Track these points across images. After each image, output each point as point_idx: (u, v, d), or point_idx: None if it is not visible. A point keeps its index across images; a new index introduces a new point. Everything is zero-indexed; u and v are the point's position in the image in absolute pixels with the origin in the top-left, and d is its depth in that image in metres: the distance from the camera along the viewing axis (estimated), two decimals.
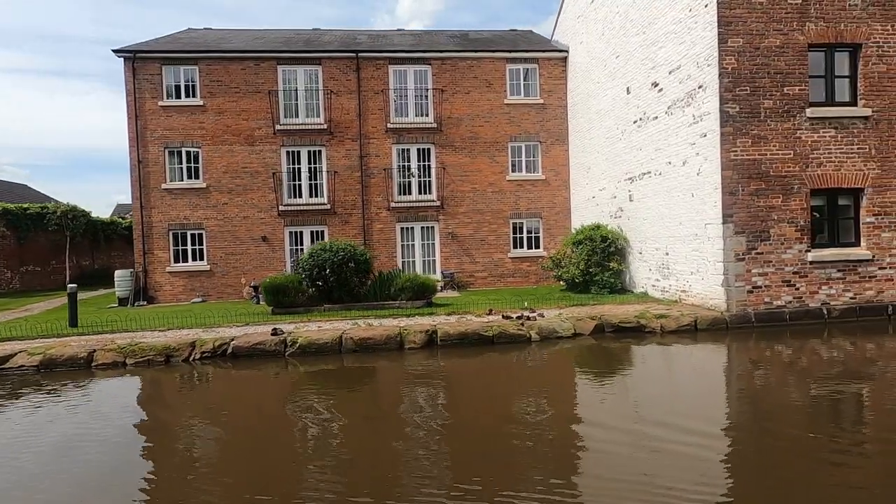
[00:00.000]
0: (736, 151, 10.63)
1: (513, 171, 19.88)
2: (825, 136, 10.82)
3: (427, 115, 19.51)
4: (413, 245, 19.68)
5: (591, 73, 17.43)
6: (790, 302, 10.81)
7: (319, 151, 19.13)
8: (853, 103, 11.02)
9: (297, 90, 19.00)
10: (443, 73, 19.48)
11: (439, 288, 19.00)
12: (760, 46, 10.62)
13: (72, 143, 71.19)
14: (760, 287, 10.73)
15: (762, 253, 10.72)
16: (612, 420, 6.16)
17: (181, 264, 18.58)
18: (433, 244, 19.74)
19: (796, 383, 7.54)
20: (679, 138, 12.05)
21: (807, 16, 10.70)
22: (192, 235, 18.67)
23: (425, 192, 19.65)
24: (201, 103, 18.44)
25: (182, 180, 18.58)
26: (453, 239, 19.64)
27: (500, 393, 7.53)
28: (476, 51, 19.66)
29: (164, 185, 18.36)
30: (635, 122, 14.18)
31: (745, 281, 10.68)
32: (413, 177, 19.51)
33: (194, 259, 18.68)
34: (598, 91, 16.77)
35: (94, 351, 9.29)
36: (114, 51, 18.04)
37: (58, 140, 69.67)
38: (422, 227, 19.68)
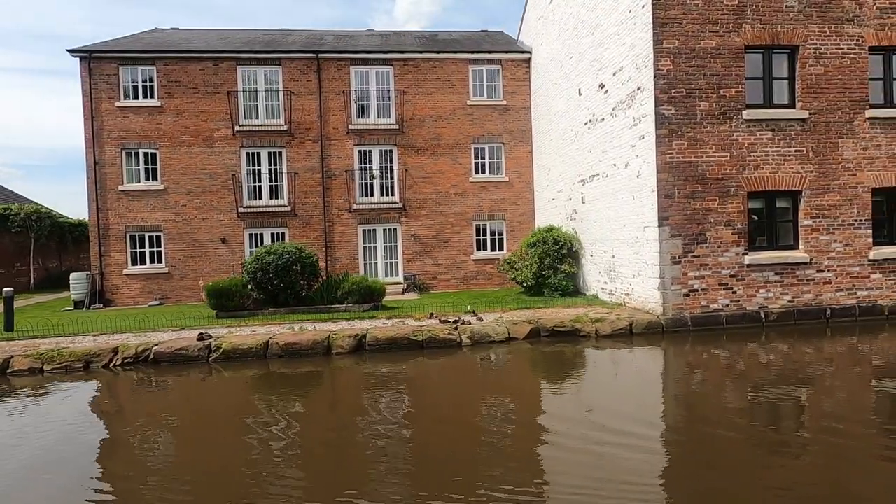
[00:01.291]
0: (672, 154, 10.55)
1: (476, 172, 19.77)
2: (762, 139, 10.75)
3: (389, 117, 19.38)
4: (375, 247, 19.55)
5: (549, 74, 17.35)
6: (727, 305, 10.73)
7: (280, 153, 18.97)
8: (792, 105, 10.95)
9: (257, 91, 18.84)
10: (405, 73, 19.36)
11: (402, 290, 18.91)
12: (696, 48, 10.54)
13: (66, 143, 70.86)
14: (697, 290, 10.64)
15: (699, 256, 10.64)
16: (504, 427, 6.05)
17: (139, 267, 18.38)
18: (395, 246, 19.60)
19: (725, 387, 7.48)
20: (622, 140, 11.96)
21: (743, 17, 10.63)
22: (150, 238, 18.48)
23: (387, 194, 19.51)
24: (159, 104, 18.25)
25: (139, 182, 18.39)
26: (416, 241, 19.52)
27: (409, 400, 7.41)
28: (438, 52, 19.55)
29: (121, 187, 18.16)
30: (586, 123, 14.10)
31: (682, 284, 10.59)
32: (374, 178, 19.38)
33: (152, 261, 18.48)
34: (555, 92, 16.68)
35: (12, 357, 9.11)
36: (68, 51, 17.83)
37: (53, 140, 69.34)
38: (384, 230, 19.55)
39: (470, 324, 10.67)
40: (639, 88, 11.06)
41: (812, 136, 10.87)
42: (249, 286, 13.22)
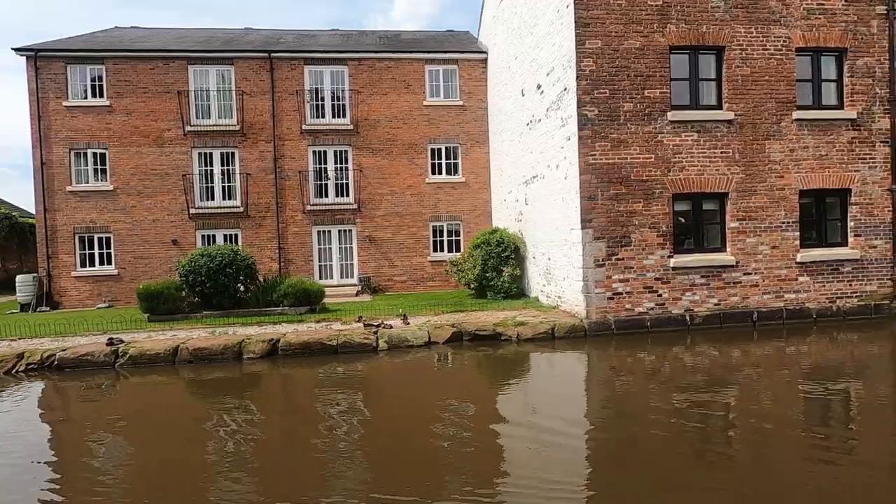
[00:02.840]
0: (595, 155, 10.43)
1: (432, 173, 19.63)
2: (688, 140, 10.64)
3: (344, 117, 19.20)
4: (330, 249, 19.36)
5: (500, 74, 17.23)
6: (652, 308, 10.62)
7: (232, 153, 18.76)
8: (719, 107, 10.85)
9: (209, 91, 18.62)
10: (360, 73, 19.18)
11: (356, 293, 18.73)
12: (620, 48, 10.42)
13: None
14: (621, 293, 10.53)
15: (623, 259, 10.52)
16: (357, 434, 5.90)
17: (87, 269, 18.14)
18: (351, 248, 19.43)
19: (643, 391, 7.38)
20: (554, 142, 11.84)
21: (668, 17, 10.52)
22: (100, 239, 18.24)
23: (342, 195, 19.34)
24: (108, 104, 18.01)
25: (88, 182, 18.14)
26: (371, 242, 19.35)
27: (300, 407, 7.25)
28: (393, 51, 19.39)
29: (69, 188, 17.90)
30: (527, 124, 13.97)
31: (606, 287, 10.48)
32: (328, 179, 19.20)
33: (101, 263, 18.24)
34: (505, 93, 16.57)
35: None
36: (14, 49, 17.57)
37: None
38: (339, 231, 19.37)
39: (391, 328, 10.52)
40: (565, 89, 10.94)
41: (738, 137, 10.77)
42: (183, 289, 13.02)
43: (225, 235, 18.76)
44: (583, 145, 10.38)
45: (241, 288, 13.52)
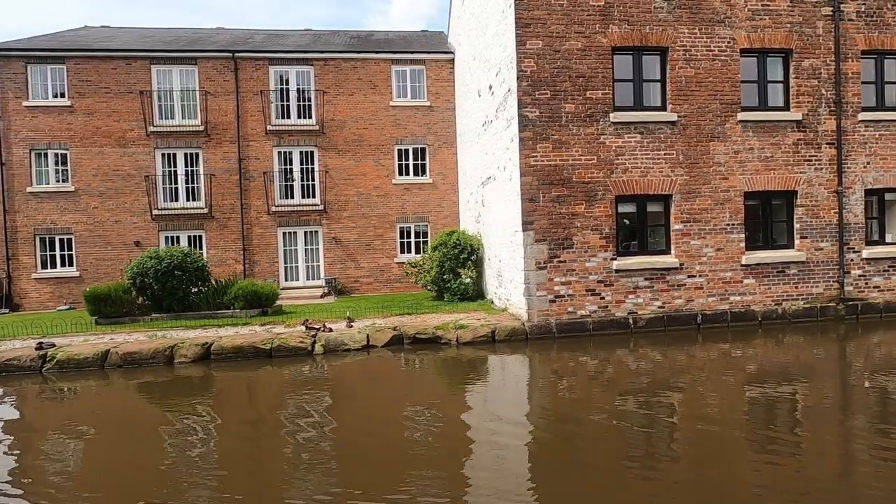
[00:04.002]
0: (536, 157, 10.33)
1: (399, 174, 19.52)
2: (630, 142, 10.56)
3: (310, 118, 19.07)
4: (296, 250, 19.23)
5: (464, 74, 17.15)
6: (595, 311, 10.53)
7: (196, 154, 18.61)
8: (664, 108, 10.77)
9: (172, 91, 18.47)
10: (326, 74, 19.06)
11: (321, 294, 18.59)
12: (562, 49, 10.32)
13: None
14: (564, 296, 10.44)
15: (565, 261, 10.43)
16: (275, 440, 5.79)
17: (48, 270, 17.97)
18: (317, 249, 19.30)
19: (580, 395, 7.31)
20: (502, 143, 11.75)
21: (610, 18, 10.43)
22: (61, 240, 18.07)
23: (308, 196, 19.21)
24: (69, 104, 17.85)
25: (49, 183, 17.97)
26: (337, 244, 19.23)
27: (208, 412, 7.13)
28: (359, 52, 19.28)
29: (29, 189, 17.73)
30: (483, 125, 13.88)
31: (548, 290, 10.38)
32: (292, 181, 19.07)
33: (63, 265, 18.08)
34: (467, 93, 16.48)
35: None
36: None
37: None
38: (305, 232, 19.24)
39: (331, 331, 10.40)
40: (509, 90, 10.85)
41: (682, 139, 10.69)
42: (131, 291, 12.88)
43: (189, 237, 18.61)
44: (523, 147, 10.29)
45: (194, 290, 13.37)
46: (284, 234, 19.12)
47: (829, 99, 11.07)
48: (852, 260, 11.26)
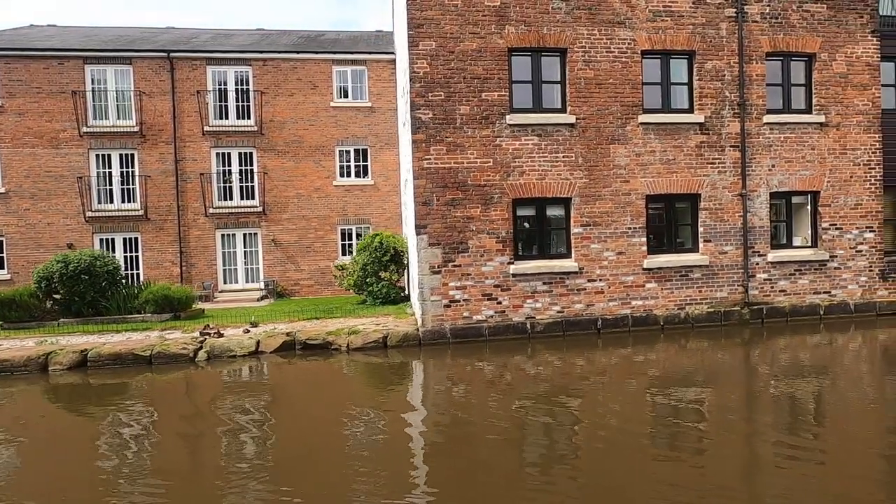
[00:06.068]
0: (430, 159, 10.16)
1: (341, 175, 19.35)
2: (528, 144, 10.40)
3: (249, 118, 18.86)
4: (234, 252, 19.02)
5: (397, 75, 16.97)
6: (492, 316, 10.37)
7: (132, 155, 18.36)
8: (563, 110, 10.62)
9: (106, 91, 18.21)
10: (265, 74, 18.85)
11: (259, 297, 18.36)
12: (456, 50, 10.16)
13: None
14: (459, 301, 10.27)
15: (460, 265, 10.26)
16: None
17: None
18: (256, 251, 19.09)
19: (474, 402, 7.28)
20: (410, 145, 11.57)
21: (506, 19, 10.27)
22: None
23: (247, 198, 19.00)
24: (0, 104, 17.56)
25: None
26: (276, 246, 19.02)
27: (68, 423, 6.94)
28: (298, 52, 19.08)
29: None
30: (403, 125, 13.71)
31: (442, 295, 10.21)
32: (231, 182, 18.84)
33: None
34: (398, 94, 16.30)
35: None
36: None
37: None
38: (244, 234, 19.03)
39: (221, 336, 10.21)
40: (407, 91, 10.68)
41: (582, 141, 10.55)
42: (37, 295, 12.63)
43: (124, 239, 18.37)
44: (417, 149, 10.12)
45: (108, 295, 13.13)
46: (223, 236, 18.90)
47: (732, 101, 10.95)
48: (757, 264, 11.15)
